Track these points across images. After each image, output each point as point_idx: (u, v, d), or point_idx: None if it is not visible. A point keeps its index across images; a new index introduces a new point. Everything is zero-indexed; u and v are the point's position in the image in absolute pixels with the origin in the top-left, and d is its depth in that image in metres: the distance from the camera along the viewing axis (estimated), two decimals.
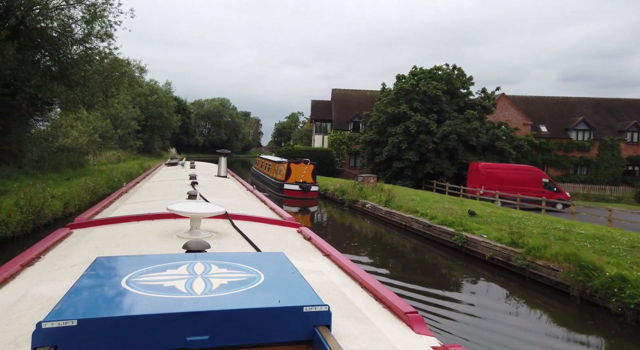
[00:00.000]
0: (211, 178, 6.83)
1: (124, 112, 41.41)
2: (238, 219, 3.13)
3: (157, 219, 3.00)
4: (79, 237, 2.69)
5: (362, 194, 17.48)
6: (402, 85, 30.29)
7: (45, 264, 2.14)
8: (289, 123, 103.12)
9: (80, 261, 2.06)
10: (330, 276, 2.12)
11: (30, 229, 9.62)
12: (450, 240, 11.05)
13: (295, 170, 21.56)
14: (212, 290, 1.35)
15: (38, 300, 1.59)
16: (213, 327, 1.20)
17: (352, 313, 1.64)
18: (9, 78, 16.72)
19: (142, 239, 2.48)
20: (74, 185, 13.86)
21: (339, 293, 1.85)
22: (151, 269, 1.52)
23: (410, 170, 28.95)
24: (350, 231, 14.88)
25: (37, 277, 1.91)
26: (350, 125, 41.98)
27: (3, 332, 1.34)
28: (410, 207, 13.79)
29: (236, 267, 1.59)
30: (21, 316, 1.45)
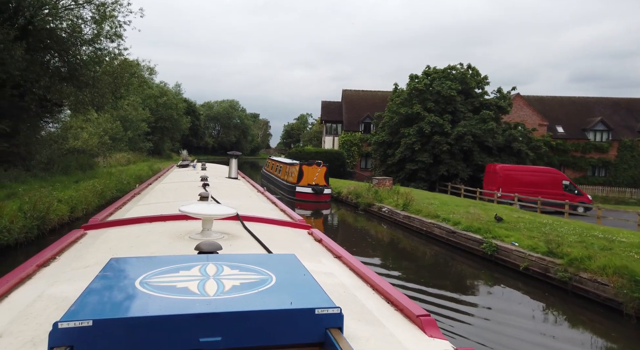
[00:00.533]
0: (222, 180, 6.82)
1: (134, 114, 41.29)
2: (249, 220, 3.14)
3: (170, 220, 3.03)
4: (93, 238, 2.71)
5: (377, 197, 16.82)
6: (415, 85, 29.64)
7: (60, 265, 2.17)
8: (298, 124, 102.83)
9: (95, 262, 2.08)
10: (342, 278, 2.11)
11: (34, 235, 9.19)
12: (478, 248, 10.36)
13: (308, 172, 21.01)
14: (225, 292, 1.36)
15: (54, 301, 1.61)
16: (226, 329, 1.20)
17: (363, 315, 1.64)
18: (17, 79, 16.43)
19: (154, 240, 2.51)
20: (82, 189, 13.45)
21: (350, 295, 1.85)
22: (164, 270, 1.54)
23: (424, 172, 28.27)
24: (366, 236, 14.28)
25: (53, 277, 1.93)
26: (361, 126, 41.38)
27: (20, 332, 1.36)
28: (430, 211, 13.14)
29: (248, 268, 1.59)
30: (38, 316, 1.48)
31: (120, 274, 1.51)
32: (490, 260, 10.04)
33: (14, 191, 13.15)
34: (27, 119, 18.01)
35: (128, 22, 19.47)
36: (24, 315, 1.49)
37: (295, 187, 20.80)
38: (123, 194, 17.96)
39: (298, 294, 1.40)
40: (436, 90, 28.40)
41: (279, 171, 26.09)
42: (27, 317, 1.47)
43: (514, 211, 13.87)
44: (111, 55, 20.18)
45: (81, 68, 19.62)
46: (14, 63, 16.11)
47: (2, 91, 16.57)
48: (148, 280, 1.43)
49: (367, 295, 1.94)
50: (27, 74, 16.87)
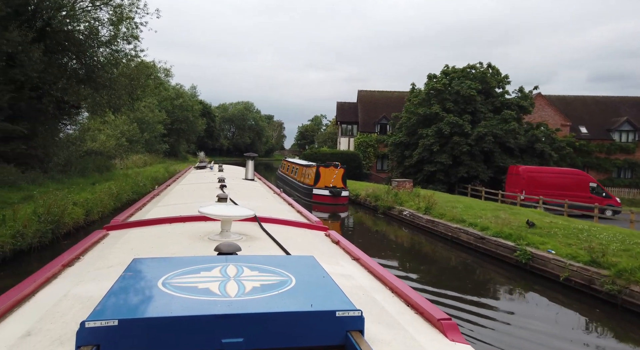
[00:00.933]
0: (239, 181, 6.88)
1: (150, 116, 41.52)
2: (266, 222, 3.14)
3: (189, 221, 3.04)
4: (115, 238, 2.75)
5: (397, 200, 16.27)
6: (433, 85, 29.00)
7: (84, 265, 2.21)
8: (312, 126, 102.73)
9: (118, 262, 2.11)
10: (360, 280, 2.10)
11: (48, 240, 8.94)
12: (511, 255, 9.73)
13: (325, 174, 20.55)
14: (245, 293, 1.36)
15: (79, 300, 1.63)
16: (247, 330, 1.20)
17: (383, 318, 1.63)
18: (35, 81, 16.44)
19: (174, 241, 2.53)
20: (98, 191, 13.28)
21: (370, 298, 1.84)
22: (185, 270, 1.54)
23: (443, 174, 27.59)
24: (386, 240, 13.78)
25: (77, 277, 1.97)
26: (377, 127, 40.82)
27: (48, 330, 1.38)
28: (455, 215, 12.55)
29: (267, 270, 1.59)
30: (64, 315, 1.51)
31: (143, 274, 1.53)
32: (524, 269, 9.39)
33: (31, 194, 13.06)
34: (44, 121, 18.03)
35: (144, 23, 19.42)
36: (51, 313, 1.52)
37: (312, 189, 20.36)
38: (139, 196, 17.85)
39: (318, 296, 1.40)
40: (455, 90, 27.71)
41: (295, 173, 25.72)
42: (54, 315, 1.51)
43: (545, 215, 13.17)
44: (128, 56, 20.15)
45: (98, 70, 19.62)
46: (32, 65, 16.11)
47: (21, 93, 16.59)
48: (170, 280, 1.44)
49: (387, 298, 1.93)
50: (45, 76, 16.87)
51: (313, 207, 18.75)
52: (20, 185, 13.63)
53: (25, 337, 1.34)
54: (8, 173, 13.81)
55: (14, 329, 1.42)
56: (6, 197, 11.71)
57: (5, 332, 1.40)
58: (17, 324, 1.47)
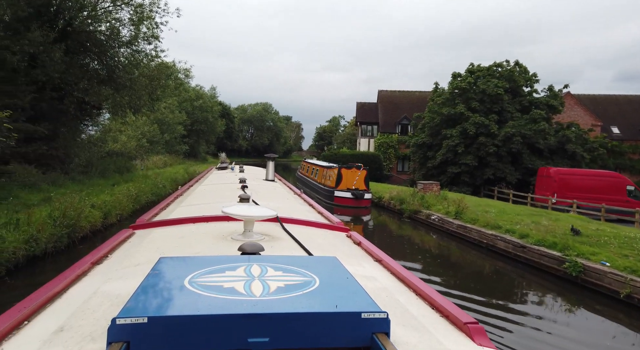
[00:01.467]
0: (260, 182, 6.88)
1: (171, 117, 41.72)
2: (288, 222, 3.14)
3: (212, 221, 3.07)
4: (141, 237, 2.79)
5: (424, 204, 15.51)
6: (458, 83, 28.08)
7: (112, 263, 2.28)
8: (330, 127, 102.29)
9: (144, 260, 2.15)
10: (383, 282, 2.08)
11: (64, 244, 8.59)
12: (558, 267, 8.88)
13: (347, 176, 19.87)
14: (270, 293, 1.36)
15: (108, 297, 1.66)
16: (273, 330, 1.20)
17: (408, 321, 1.61)
18: (56, 81, 16.38)
19: (198, 240, 2.55)
20: (117, 193, 13.02)
21: (393, 300, 1.82)
22: (210, 270, 1.55)
23: (468, 175, 26.65)
24: (413, 246, 13.08)
25: (106, 274, 2.02)
26: (398, 127, 39.99)
27: (79, 327, 1.42)
28: (489, 221, 11.77)
29: (291, 270, 1.59)
30: (94, 312, 1.54)
31: (170, 273, 1.53)
32: (574, 282, 8.51)
33: (49, 195, 12.89)
34: (66, 121, 17.99)
35: (165, 22, 19.23)
36: (82, 310, 1.55)
37: (334, 192, 19.73)
38: (158, 198, 17.59)
39: (343, 297, 1.39)
40: (481, 89, 26.74)
41: (315, 174, 25.16)
42: (84, 312, 1.53)
43: (588, 222, 12.24)
44: (148, 57, 20.01)
45: (119, 70, 19.53)
46: (53, 65, 16.05)
47: (42, 94, 16.56)
48: (196, 279, 1.45)
49: (411, 300, 1.91)
50: (67, 76, 16.81)
51: (334, 210, 18.19)
52: (41, 187, 13.50)
53: (58, 332, 1.39)
54: (29, 174, 13.70)
55: (48, 324, 1.47)
56: (26, 198, 11.55)
57: (39, 327, 1.45)
58: (50, 319, 1.52)
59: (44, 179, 14.32)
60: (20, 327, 1.46)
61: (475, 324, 1.59)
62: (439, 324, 1.65)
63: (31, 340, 1.36)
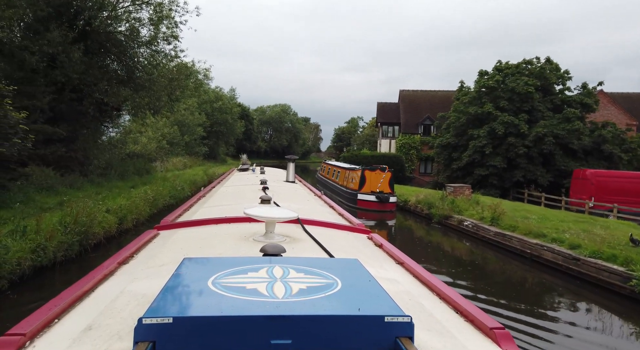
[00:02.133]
0: (280, 183, 6.85)
1: (190, 118, 41.71)
2: (309, 224, 3.11)
3: (234, 222, 3.09)
4: (165, 238, 2.87)
5: (455, 208, 14.58)
6: (485, 82, 26.95)
7: (137, 263, 2.31)
8: (348, 128, 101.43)
9: (169, 261, 2.19)
10: (406, 285, 2.06)
11: (75, 252, 8.09)
12: (622, 284, 7.82)
13: (371, 178, 19.03)
14: (292, 295, 1.35)
15: (134, 297, 1.70)
16: (296, 332, 1.19)
17: (432, 325, 1.58)
18: (76, 82, 16.16)
19: (221, 241, 2.58)
20: (134, 196, 12.58)
21: (417, 303, 1.79)
22: (233, 271, 1.55)
23: (496, 177, 25.48)
24: (445, 255, 12.16)
25: (132, 274, 2.06)
26: (420, 128, 38.93)
27: (107, 325, 1.45)
28: (531, 228, 10.78)
29: (313, 272, 1.58)
30: (121, 311, 1.57)
31: (194, 273, 1.53)
32: None
33: (64, 199, 12.56)
34: (85, 123, 17.80)
35: (184, 21, 18.90)
36: (109, 309, 1.59)
37: (357, 195, 18.92)
38: (177, 201, 17.17)
39: (365, 300, 1.37)
40: (510, 87, 25.55)
41: (337, 176, 24.39)
42: (112, 311, 1.57)
43: None
44: (167, 57, 19.71)
45: (138, 71, 19.27)
46: (72, 66, 15.84)
47: (61, 95, 16.37)
48: (219, 280, 1.45)
49: (434, 304, 1.87)
50: (86, 77, 16.60)
51: (358, 214, 17.44)
52: (58, 189, 13.21)
53: (87, 331, 1.42)
54: (46, 177, 13.42)
55: (77, 322, 1.51)
56: (42, 201, 11.22)
57: (69, 326, 1.49)
58: (79, 318, 1.56)
59: (61, 181, 14.05)
60: (51, 325, 1.51)
61: (502, 330, 1.55)
62: (463, 329, 1.62)
63: (62, 338, 1.40)
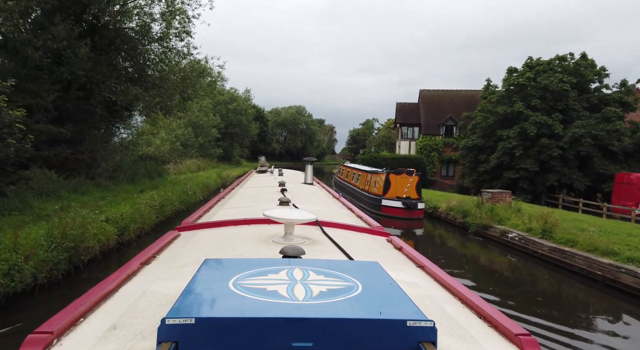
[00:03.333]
0: (299, 185, 6.83)
1: (205, 120, 40.90)
2: (328, 226, 3.11)
3: (254, 224, 3.09)
4: (186, 239, 2.91)
5: (495, 217, 13.08)
6: (514, 79, 25.30)
7: (159, 263, 2.35)
8: (363, 130, 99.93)
9: (190, 261, 2.20)
10: (427, 289, 2.03)
11: (63, 271, 6.69)
12: None
13: (396, 182, 17.57)
14: (313, 297, 1.34)
15: (157, 297, 1.70)
16: (317, 335, 1.18)
17: (455, 330, 1.55)
18: (82, 80, 15.22)
19: (240, 243, 2.59)
20: (140, 202, 11.46)
21: (438, 308, 1.76)
22: (254, 272, 1.55)
23: (527, 181, 23.79)
24: (487, 273, 10.50)
25: (154, 275, 2.09)
26: (441, 129, 37.31)
27: (131, 325, 1.46)
28: (595, 243, 9.13)
29: (333, 274, 1.57)
30: (144, 311, 1.58)
31: (215, 274, 1.53)
32: None
33: (70, 204, 11.52)
34: (93, 123, 16.87)
35: (197, 15, 17.89)
36: (133, 309, 1.61)
37: (381, 200, 17.49)
38: (188, 206, 16.05)
39: (386, 304, 1.36)
40: (542, 84, 23.87)
41: (357, 180, 22.99)
42: (135, 310, 1.59)
43: None
44: (180, 54, 18.72)
45: (148, 68, 18.30)
46: (78, 62, 14.90)
47: (67, 93, 15.46)
48: (240, 281, 1.44)
49: (457, 308, 1.83)
50: (93, 74, 15.65)
51: (381, 221, 16.10)
52: (60, 194, 12.20)
53: (111, 330, 1.44)
54: (48, 180, 12.42)
55: (102, 322, 1.52)
56: (40, 208, 10.19)
57: (94, 325, 1.51)
58: (104, 317, 1.58)
59: (64, 185, 13.05)
60: (77, 324, 1.53)
61: (528, 336, 1.49)
62: (487, 335, 1.58)
63: (87, 336, 1.41)
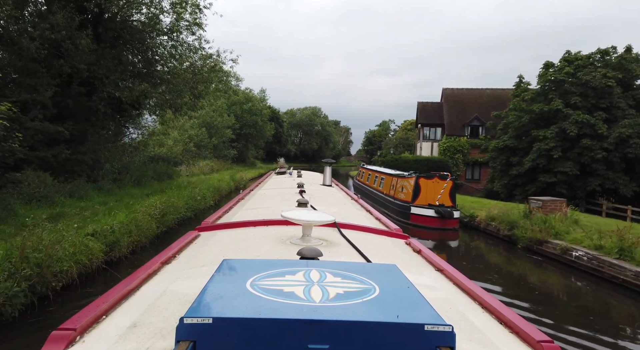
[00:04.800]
0: (317, 187, 6.86)
1: (219, 120, 39.74)
2: (345, 228, 3.12)
3: (272, 225, 3.11)
4: (206, 239, 2.94)
5: (550, 230, 11.24)
6: (552, 75, 23.27)
7: (179, 263, 2.35)
8: (380, 131, 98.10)
9: (209, 262, 2.20)
10: (446, 293, 2.01)
11: (21, 305, 5.14)
12: None
13: (427, 187, 15.75)
14: (330, 299, 1.34)
15: (176, 296, 1.71)
16: (333, 337, 1.17)
17: (474, 335, 1.53)
18: (85, 74, 13.96)
19: (259, 243, 2.60)
20: (138, 210, 10.03)
21: (458, 312, 1.74)
22: (271, 273, 1.55)
23: (565, 186, 21.73)
24: (549, 301, 8.47)
25: (174, 274, 2.09)
26: (467, 129, 35.32)
27: (150, 323, 1.48)
28: None
29: (350, 277, 1.56)
30: (164, 310, 1.59)
31: (233, 275, 1.54)
32: None
33: (64, 210, 10.20)
34: (96, 121, 15.63)
35: (208, 5, 16.52)
36: (153, 308, 1.62)
37: (410, 208, 15.66)
38: (195, 213, 14.60)
39: (404, 307, 1.33)
40: (583, 80, 21.81)
41: (380, 184, 21.22)
42: (155, 309, 1.60)
43: None
44: (191, 48, 17.39)
45: (157, 63, 17.02)
46: (79, 55, 13.66)
47: (68, 89, 14.24)
48: (257, 282, 1.45)
49: (477, 313, 1.80)
50: (97, 69, 14.40)
51: (410, 231, 14.35)
52: (55, 199, 10.90)
53: (132, 328, 1.46)
54: (41, 183, 11.12)
55: (123, 320, 1.55)
56: (27, 215, 8.84)
57: (115, 322, 1.54)
58: (125, 315, 1.60)
59: (60, 189, 11.76)
60: (99, 322, 1.56)
61: (550, 343, 1.44)
62: (508, 341, 1.54)
63: (109, 334, 1.44)
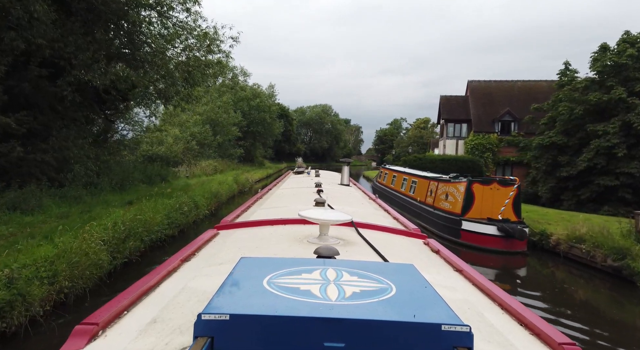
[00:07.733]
0: (335, 186, 6.86)
1: (224, 117, 36.71)
2: (363, 227, 3.14)
3: (289, 224, 3.14)
4: (224, 237, 2.96)
5: None
6: (611, 58, 19.77)
7: (199, 260, 2.39)
8: (391, 130, 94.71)
9: (227, 259, 2.23)
10: (464, 294, 1.99)
11: None
12: None
13: (483, 196, 11.78)
14: (346, 298, 1.34)
15: (195, 293, 1.76)
16: (349, 335, 1.17)
17: (493, 337, 1.51)
18: (45, 52, 10.94)
19: (276, 242, 2.63)
20: (84, 234, 6.81)
21: (476, 313, 1.72)
22: (288, 271, 1.56)
23: (630, 190, 18.28)
24: None
25: (193, 272, 2.14)
26: (496, 125, 31.85)
27: (170, 319, 1.52)
28: None
29: (366, 276, 1.56)
30: (182, 306, 1.63)
31: (250, 272, 1.55)
32: None
33: None
34: (64, 112, 12.60)
35: None
36: (172, 304, 1.66)
37: (461, 222, 11.91)
38: (185, 228, 11.45)
39: (421, 307, 1.32)
40: None
41: (412, 189, 17.41)
42: (174, 306, 1.64)
43: None
44: (184, 24, 14.33)
45: (143, 42, 13.96)
46: (37, 27, 10.62)
47: (25, 70, 11.26)
48: (274, 280, 1.45)
49: (496, 314, 1.78)
50: (64, 46, 11.39)
51: (462, 254, 11.00)
52: None
53: (152, 323, 1.51)
54: None
55: (143, 315, 1.59)
56: None
57: (136, 318, 1.58)
58: (145, 311, 1.64)
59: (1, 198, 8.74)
60: (121, 317, 1.60)
61: (572, 345, 1.43)
62: (528, 343, 1.52)
63: (130, 329, 1.47)
